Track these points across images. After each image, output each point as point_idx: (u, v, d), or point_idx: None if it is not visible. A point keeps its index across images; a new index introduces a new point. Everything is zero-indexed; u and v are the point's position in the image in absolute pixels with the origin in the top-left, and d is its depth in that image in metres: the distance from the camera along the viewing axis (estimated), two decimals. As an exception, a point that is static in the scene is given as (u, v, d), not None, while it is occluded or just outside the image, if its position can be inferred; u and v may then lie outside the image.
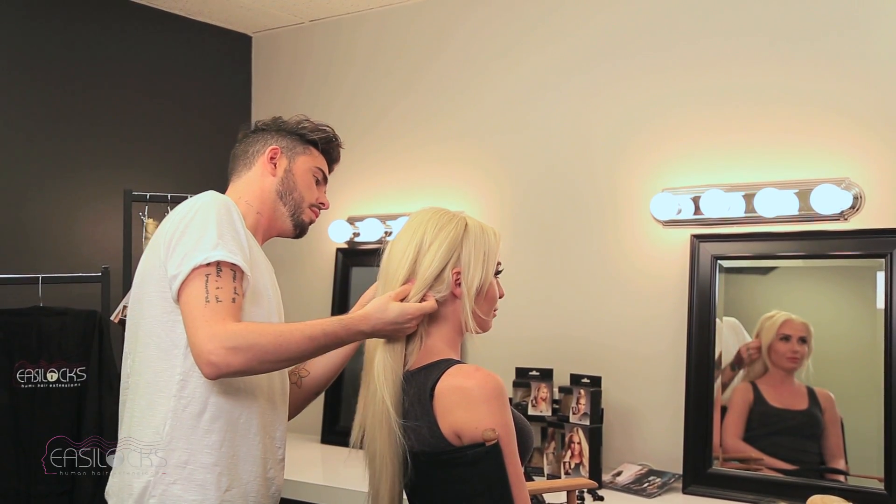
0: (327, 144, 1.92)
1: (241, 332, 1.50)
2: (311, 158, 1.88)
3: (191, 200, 1.67)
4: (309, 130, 1.89)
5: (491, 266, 1.62)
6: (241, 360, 1.50)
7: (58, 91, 3.15)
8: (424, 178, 3.19)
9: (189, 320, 1.53)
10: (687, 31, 2.65)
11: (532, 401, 2.70)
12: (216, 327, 1.49)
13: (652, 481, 2.47)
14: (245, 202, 1.79)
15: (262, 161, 1.83)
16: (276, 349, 1.52)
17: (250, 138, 1.88)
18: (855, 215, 2.35)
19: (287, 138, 1.86)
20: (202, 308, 1.51)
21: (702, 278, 2.52)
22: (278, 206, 1.83)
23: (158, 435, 1.59)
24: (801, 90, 2.45)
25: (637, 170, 2.71)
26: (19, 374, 2.64)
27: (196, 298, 1.52)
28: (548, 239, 2.88)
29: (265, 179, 1.82)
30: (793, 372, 2.40)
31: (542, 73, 2.93)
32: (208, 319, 1.50)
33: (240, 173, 1.85)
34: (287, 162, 1.84)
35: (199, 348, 1.50)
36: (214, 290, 1.53)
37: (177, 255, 1.57)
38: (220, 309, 1.52)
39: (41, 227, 3.09)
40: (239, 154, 1.88)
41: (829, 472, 2.31)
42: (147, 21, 3.41)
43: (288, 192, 1.83)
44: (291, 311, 3.27)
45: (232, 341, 1.49)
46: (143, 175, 3.34)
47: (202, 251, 1.55)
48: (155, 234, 1.70)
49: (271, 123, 1.91)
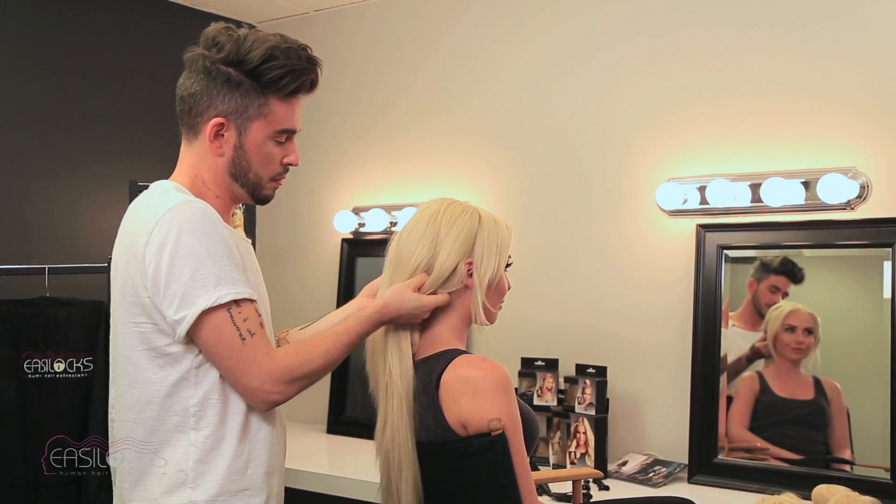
0: (297, 81, 1.53)
1: (293, 365, 1.46)
2: (268, 123, 1.53)
3: (160, 216, 1.44)
4: (270, 68, 1.50)
5: (503, 259, 1.62)
6: (299, 388, 1.48)
7: (63, 82, 3.15)
8: (430, 169, 3.18)
9: (231, 363, 1.43)
10: (693, 20, 2.63)
11: (537, 391, 2.70)
12: (267, 364, 1.44)
13: (657, 471, 2.48)
14: (202, 182, 1.56)
15: (205, 134, 1.53)
16: (325, 368, 1.51)
17: (192, 80, 1.54)
18: (862, 205, 2.34)
19: (236, 93, 1.50)
20: (241, 348, 1.43)
21: (707, 268, 2.52)
22: (234, 187, 1.57)
23: (183, 473, 1.48)
24: (808, 80, 2.43)
25: (643, 159, 2.70)
26: (26, 365, 2.65)
27: (230, 339, 1.42)
28: (553, 229, 2.87)
29: (214, 159, 1.55)
30: (798, 363, 2.39)
31: (548, 65, 2.92)
32: (254, 358, 1.43)
33: (188, 136, 1.58)
34: (236, 135, 1.53)
35: (254, 389, 1.44)
36: (244, 325, 1.43)
37: (170, 294, 1.42)
38: (258, 342, 1.44)
39: (47, 218, 3.09)
40: (183, 101, 1.56)
41: (834, 462, 2.31)
42: (152, 11, 3.40)
43: (242, 173, 1.55)
44: (296, 303, 3.31)
45: (288, 375, 1.46)
46: (148, 165, 3.32)
47: (205, 290, 1.41)
48: (124, 244, 1.52)
49: (215, 58, 1.51)
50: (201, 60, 1.53)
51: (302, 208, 3.47)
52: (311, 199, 3.44)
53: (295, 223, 3.52)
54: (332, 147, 3.42)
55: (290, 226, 3.52)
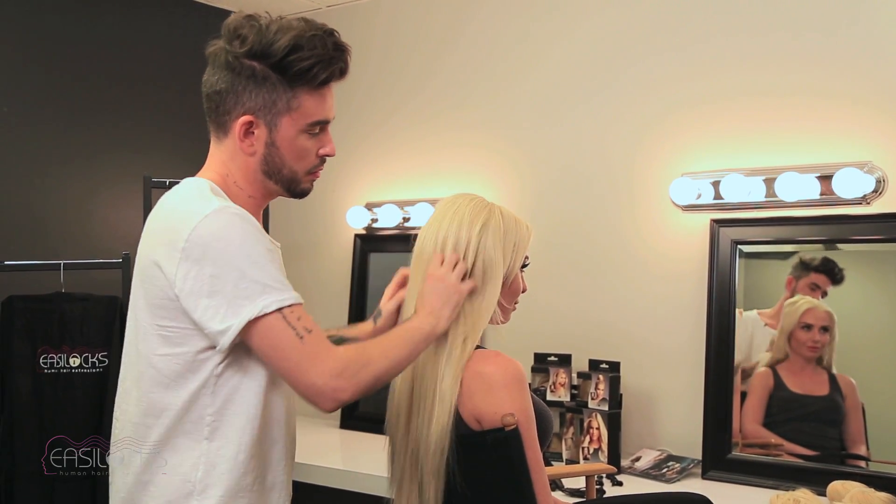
0: (326, 71, 1.46)
1: (357, 360, 1.41)
2: (298, 116, 1.45)
3: (197, 223, 1.38)
4: (297, 60, 1.43)
5: (519, 257, 1.62)
6: (365, 386, 1.42)
7: (77, 78, 3.17)
8: (443, 164, 3.18)
9: (292, 363, 1.37)
10: (710, 16, 2.62)
11: (551, 386, 2.70)
12: (331, 359, 1.38)
13: (671, 467, 2.47)
14: (233, 182, 1.49)
15: (234, 132, 1.46)
16: (388, 369, 1.47)
17: (216, 76, 1.46)
18: (878, 199, 2.32)
19: (263, 88, 1.43)
20: (300, 347, 1.36)
21: (721, 263, 2.51)
22: (268, 184, 1.51)
23: (191, 483, 1.43)
24: (823, 75, 2.42)
25: (656, 154, 2.69)
26: (42, 360, 2.67)
27: (287, 340, 1.36)
28: (567, 224, 2.87)
29: (245, 158, 1.48)
30: (813, 360, 2.38)
31: (565, 61, 2.91)
32: (316, 354, 1.37)
33: (217, 134, 1.50)
34: (267, 132, 1.46)
35: (320, 386, 1.37)
36: (298, 323, 1.37)
37: (214, 305, 1.36)
38: (316, 339, 1.38)
39: (62, 214, 3.12)
40: (209, 99, 1.48)
41: (849, 458, 2.30)
42: (166, 7, 3.42)
43: (275, 170, 1.49)
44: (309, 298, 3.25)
45: (353, 368, 1.39)
46: (162, 161, 3.35)
47: (250, 300, 1.35)
48: (152, 244, 1.48)
49: (237, 52, 1.43)
50: (224, 55, 1.45)
51: (315, 204, 3.48)
52: (324, 195, 3.44)
53: (308, 219, 3.52)
54: (346, 142, 3.42)
55: (303, 221, 3.53)
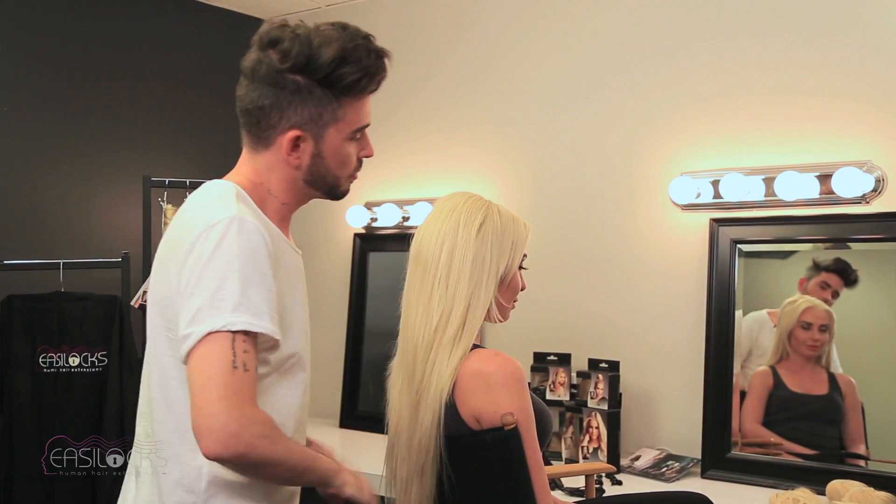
0: (371, 82, 1.46)
1: (270, 426, 1.28)
2: (344, 125, 1.44)
3: (209, 226, 1.31)
4: (344, 74, 1.40)
5: (517, 255, 1.62)
6: (255, 457, 1.25)
7: (77, 77, 3.17)
8: (442, 163, 3.18)
9: (209, 389, 1.23)
10: (709, 16, 2.62)
11: (550, 385, 2.70)
12: (247, 408, 1.24)
13: (670, 466, 2.47)
14: (266, 190, 1.45)
15: (279, 145, 1.42)
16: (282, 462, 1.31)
17: (256, 92, 1.41)
18: (877, 198, 2.32)
19: (309, 102, 1.40)
20: (229, 374, 1.23)
21: (721, 262, 2.51)
22: (309, 192, 1.49)
23: (194, 494, 1.36)
24: (822, 74, 2.42)
25: (656, 153, 2.69)
26: (41, 359, 2.68)
27: (220, 361, 1.23)
28: (566, 223, 2.87)
29: (289, 170, 1.44)
30: (812, 359, 2.38)
31: (562, 59, 2.91)
32: (237, 393, 1.23)
33: (255, 147, 1.45)
34: (313, 144, 1.43)
35: (219, 425, 1.21)
36: (242, 355, 1.25)
37: (190, 306, 1.27)
38: (248, 382, 1.25)
39: (61, 214, 3.11)
40: (249, 114, 1.43)
41: (849, 457, 2.30)
42: (164, 6, 3.42)
43: (319, 179, 1.47)
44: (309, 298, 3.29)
45: (262, 431, 1.25)
46: (161, 160, 3.35)
47: (220, 311, 1.25)
48: (169, 244, 1.40)
49: (280, 67, 1.38)
50: (265, 70, 1.39)
51: (314, 203, 3.41)
52: (324, 194, 3.44)
53: (307, 218, 3.50)
54: (345, 142, 3.42)
55: (302, 220, 3.47)
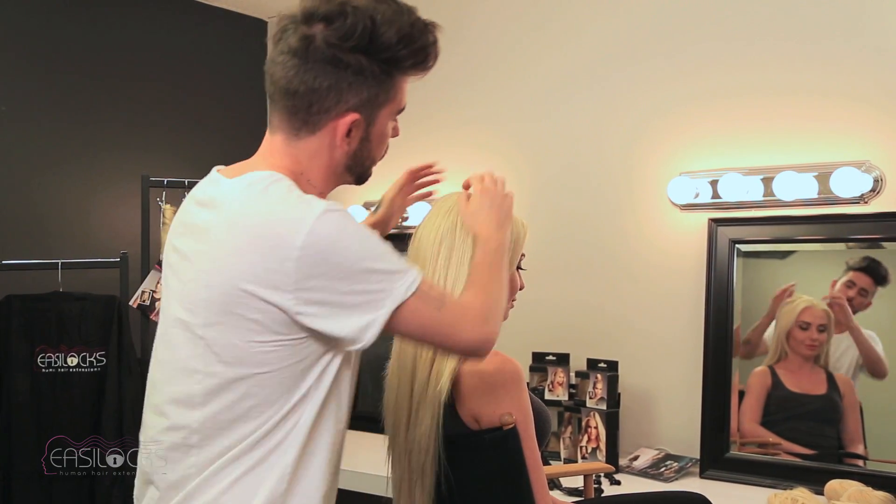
0: (430, 58, 1.40)
1: (483, 300, 1.34)
2: (394, 105, 1.38)
3: (308, 230, 1.21)
4: (409, 54, 1.34)
5: (515, 255, 1.62)
6: (500, 317, 1.37)
7: (75, 77, 3.16)
8: (442, 163, 3.17)
9: (442, 336, 1.29)
10: (708, 16, 2.62)
11: (549, 385, 2.70)
12: (469, 317, 1.30)
13: (669, 466, 2.47)
14: (307, 181, 1.34)
15: (331, 129, 1.32)
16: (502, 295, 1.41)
17: (312, 72, 1.29)
18: (875, 198, 2.33)
19: (368, 82, 1.31)
20: (442, 317, 1.27)
21: (719, 262, 2.51)
22: (344, 178, 1.41)
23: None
24: (820, 74, 2.42)
25: (654, 153, 2.69)
26: (40, 359, 2.68)
27: (430, 316, 1.26)
28: (565, 223, 2.87)
29: (334, 152, 1.35)
30: (811, 359, 2.38)
31: (561, 59, 2.91)
32: (457, 317, 1.29)
33: (297, 132, 1.33)
34: (365, 128, 1.35)
35: (476, 342, 1.30)
36: (432, 294, 1.28)
37: (346, 307, 1.22)
38: (449, 301, 1.31)
39: (59, 214, 3.11)
40: (299, 96, 1.30)
41: (847, 457, 2.30)
42: (163, 6, 3.41)
43: (358, 163, 1.39)
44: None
45: (486, 310, 1.33)
46: (159, 160, 3.35)
47: (387, 292, 1.24)
48: (232, 256, 1.24)
49: (343, 45, 1.28)
50: (324, 48, 1.27)
51: (313, 203, 3.47)
52: (322, 194, 3.44)
53: (306, 218, 3.52)
54: (343, 142, 3.42)
55: (301, 220, 3.52)
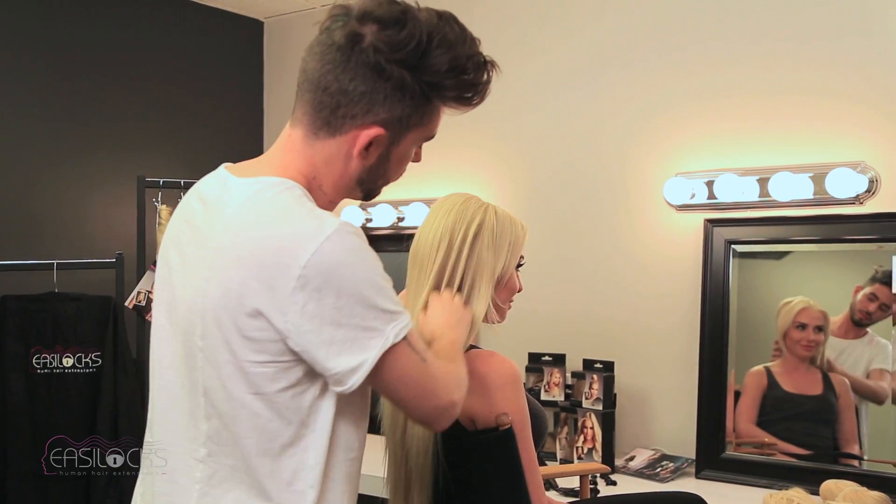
0: (479, 96, 1.34)
1: (454, 366, 1.32)
2: (425, 130, 1.30)
3: (316, 249, 1.18)
4: (458, 84, 1.29)
5: (514, 256, 1.62)
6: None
7: (71, 78, 3.16)
8: (437, 164, 3.17)
9: (419, 390, 1.23)
10: (704, 16, 2.62)
11: (545, 386, 2.70)
12: (445, 378, 1.26)
13: (665, 466, 2.47)
14: (318, 186, 1.28)
15: (352, 137, 1.25)
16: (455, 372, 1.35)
17: (350, 74, 1.22)
18: (870, 199, 2.33)
19: (405, 100, 1.24)
20: (425, 370, 1.22)
21: (715, 263, 2.51)
22: (353, 191, 1.33)
23: None
24: (816, 75, 2.42)
25: (650, 154, 2.70)
26: (35, 360, 2.67)
27: (414, 366, 1.21)
28: (561, 224, 2.87)
29: (350, 162, 1.27)
30: (807, 359, 2.39)
31: (556, 59, 2.91)
32: (436, 376, 1.24)
33: (317, 132, 1.26)
34: (386, 147, 1.27)
35: (444, 406, 1.25)
36: (418, 345, 1.23)
37: (337, 340, 1.16)
38: (431, 357, 1.26)
39: (55, 214, 3.11)
40: (329, 94, 1.23)
41: (843, 457, 2.30)
42: (159, 6, 3.41)
43: (371, 180, 1.31)
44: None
45: (457, 378, 1.30)
46: (155, 161, 3.34)
47: (379, 331, 1.18)
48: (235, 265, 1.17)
49: (392, 56, 1.22)
50: (370, 52, 1.21)
51: (309, 203, 3.47)
52: (319, 195, 3.44)
53: (302, 218, 3.51)
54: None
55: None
